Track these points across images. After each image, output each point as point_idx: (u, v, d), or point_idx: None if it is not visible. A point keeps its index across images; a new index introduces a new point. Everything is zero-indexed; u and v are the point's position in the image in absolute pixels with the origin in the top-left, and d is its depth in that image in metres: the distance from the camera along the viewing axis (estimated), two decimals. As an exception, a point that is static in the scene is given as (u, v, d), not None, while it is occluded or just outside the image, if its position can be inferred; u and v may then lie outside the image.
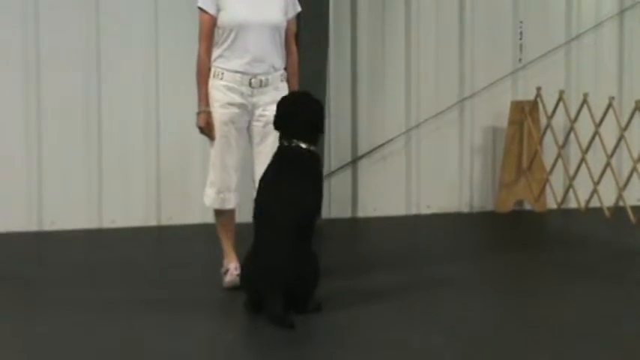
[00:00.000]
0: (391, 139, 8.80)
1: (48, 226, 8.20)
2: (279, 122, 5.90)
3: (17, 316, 5.83)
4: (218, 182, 6.31)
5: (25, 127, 8.15)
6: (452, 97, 8.94)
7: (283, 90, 6.27)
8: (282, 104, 5.94)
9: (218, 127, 6.22)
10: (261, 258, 5.66)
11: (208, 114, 6.26)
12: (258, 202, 5.83)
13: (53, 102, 8.17)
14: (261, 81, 6.23)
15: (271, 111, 6.04)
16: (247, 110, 6.24)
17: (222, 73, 6.23)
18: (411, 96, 8.86)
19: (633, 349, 5.16)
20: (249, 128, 6.31)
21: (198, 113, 6.29)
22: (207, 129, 6.28)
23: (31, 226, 8.18)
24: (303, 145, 5.84)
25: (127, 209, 8.32)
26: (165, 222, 8.40)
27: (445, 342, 5.30)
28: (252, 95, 6.22)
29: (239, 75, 6.21)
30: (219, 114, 6.23)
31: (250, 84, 6.22)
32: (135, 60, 8.29)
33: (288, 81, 6.34)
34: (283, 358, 5.10)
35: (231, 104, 6.22)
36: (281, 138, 5.88)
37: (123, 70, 8.26)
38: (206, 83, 6.27)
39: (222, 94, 6.23)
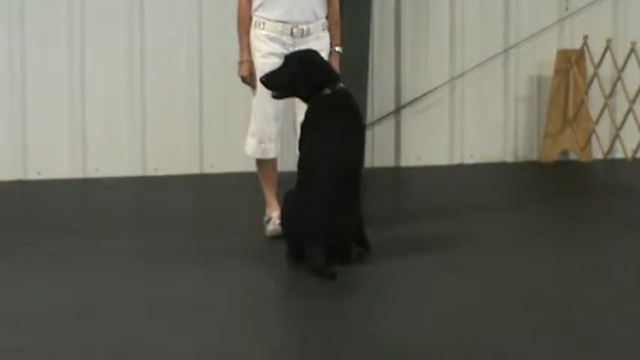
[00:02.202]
0: (435, 88, 8.72)
1: (92, 174, 8.23)
2: (318, 69, 5.82)
3: (64, 264, 5.87)
4: (259, 132, 6.29)
5: (69, 75, 8.16)
6: (497, 45, 8.83)
7: (325, 39, 6.22)
8: (305, 57, 5.86)
9: (260, 77, 6.19)
10: (303, 209, 5.63)
11: (250, 63, 6.23)
12: (312, 152, 5.75)
13: (96, 51, 8.16)
14: (302, 30, 6.17)
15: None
16: (289, 60, 6.18)
17: (264, 23, 6.18)
18: (456, 44, 8.76)
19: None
20: (290, 78, 6.27)
21: (240, 63, 6.27)
22: (249, 79, 6.26)
23: (76, 174, 8.22)
24: (344, 86, 5.82)
25: (170, 157, 8.33)
26: (207, 170, 8.40)
27: (491, 294, 5.28)
28: (293, 45, 6.15)
29: (280, 24, 6.16)
30: (261, 64, 6.17)
31: (292, 33, 6.17)
32: (178, 9, 8.26)
33: (329, 30, 6.28)
34: (325, 307, 5.10)
35: (272, 54, 6.16)
36: (321, 87, 5.79)
37: (166, 19, 8.24)
38: (247, 33, 6.23)
39: (263, 44, 6.19)
